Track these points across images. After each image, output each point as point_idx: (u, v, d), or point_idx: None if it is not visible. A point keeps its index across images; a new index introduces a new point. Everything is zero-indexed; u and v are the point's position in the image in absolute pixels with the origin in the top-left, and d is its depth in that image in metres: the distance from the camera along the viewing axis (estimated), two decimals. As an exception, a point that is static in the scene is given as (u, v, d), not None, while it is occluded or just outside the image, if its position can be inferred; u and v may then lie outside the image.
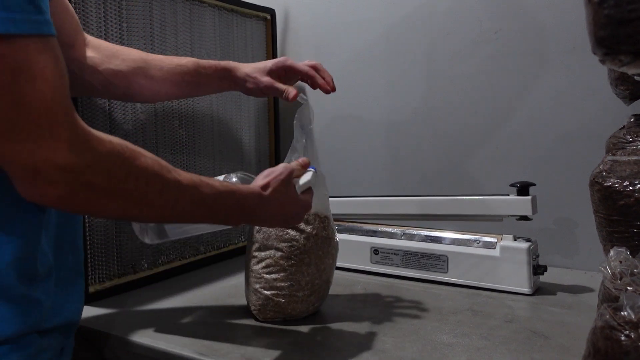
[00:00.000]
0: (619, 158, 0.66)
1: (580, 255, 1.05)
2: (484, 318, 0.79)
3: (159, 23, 0.96)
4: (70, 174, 0.46)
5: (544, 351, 0.67)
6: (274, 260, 0.77)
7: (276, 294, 0.77)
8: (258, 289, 0.78)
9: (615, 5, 0.52)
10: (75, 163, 0.46)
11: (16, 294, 0.52)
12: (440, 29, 1.15)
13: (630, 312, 0.48)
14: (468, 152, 1.15)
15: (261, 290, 0.78)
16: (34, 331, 0.54)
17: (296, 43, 1.35)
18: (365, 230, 1.05)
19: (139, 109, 0.93)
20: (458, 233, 0.97)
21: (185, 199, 0.56)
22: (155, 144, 0.97)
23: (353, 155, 1.28)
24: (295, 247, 0.77)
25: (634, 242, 0.62)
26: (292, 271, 0.77)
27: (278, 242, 0.78)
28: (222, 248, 1.12)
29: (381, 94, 1.24)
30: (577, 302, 0.85)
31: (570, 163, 1.04)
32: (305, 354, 0.67)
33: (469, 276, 0.93)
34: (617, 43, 0.53)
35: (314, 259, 0.78)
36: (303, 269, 0.77)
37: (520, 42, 1.07)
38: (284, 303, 0.77)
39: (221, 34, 1.10)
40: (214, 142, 1.09)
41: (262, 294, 0.78)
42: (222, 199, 0.61)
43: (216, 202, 0.60)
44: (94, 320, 0.79)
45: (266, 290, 0.78)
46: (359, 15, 1.25)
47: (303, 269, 0.77)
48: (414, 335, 0.72)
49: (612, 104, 0.90)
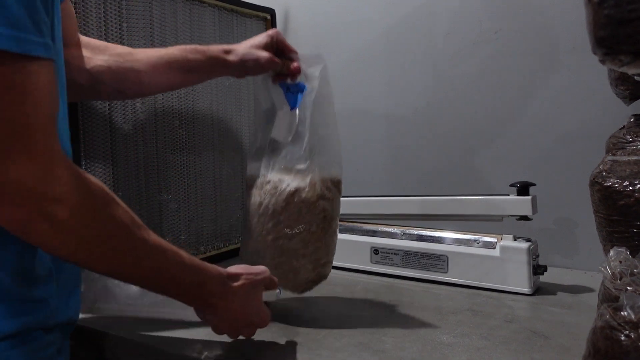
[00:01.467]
0: (619, 158, 0.66)
1: (580, 255, 1.05)
2: (484, 318, 0.79)
3: (159, 23, 0.96)
4: (35, 200, 0.45)
5: (544, 351, 0.67)
6: (309, 233, 0.77)
7: (322, 264, 0.80)
8: (304, 265, 0.78)
9: (615, 5, 0.53)
10: (43, 190, 0.45)
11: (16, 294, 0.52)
12: (440, 29, 1.15)
13: (630, 312, 0.48)
14: (468, 152, 1.15)
15: (307, 266, 0.78)
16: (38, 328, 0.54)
17: (296, 43, 1.33)
18: (365, 230, 1.05)
19: (139, 109, 0.93)
20: (458, 233, 0.97)
21: (146, 262, 0.54)
22: (155, 144, 0.97)
23: (353, 155, 1.28)
24: (327, 216, 0.78)
25: (634, 242, 0.62)
26: (327, 240, 0.79)
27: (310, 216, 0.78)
28: (222, 248, 1.12)
29: (381, 94, 1.24)
30: (577, 302, 0.85)
31: (570, 163, 1.04)
32: (305, 354, 0.67)
33: (469, 276, 0.93)
34: (617, 43, 0.53)
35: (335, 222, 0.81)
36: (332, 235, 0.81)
37: (520, 42, 1.07)
38: (325, 271, 0.81)
39: (221, 34, 1.10)
40: (214, 142, 1.09)
41: (308, 268, 0.78)
42: (185, 272, 0.58)
43: (178, 274, 0.57)
44: (94, 320, 0.79)
45: (311, 264, 0.78)
46: (359, 15, 1.25)
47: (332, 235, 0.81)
48: (414, 335, 0.72)
49: (612, 104, 0.90)
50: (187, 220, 1.03)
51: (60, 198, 0.46)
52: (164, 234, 0.99)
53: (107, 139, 0.88)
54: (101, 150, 0.87)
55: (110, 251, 0.52)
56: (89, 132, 0.85)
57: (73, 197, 0.47)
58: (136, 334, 0.74)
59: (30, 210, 0.45)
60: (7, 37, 0.43)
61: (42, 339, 0.55)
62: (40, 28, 0.45)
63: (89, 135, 0.85)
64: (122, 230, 0.52)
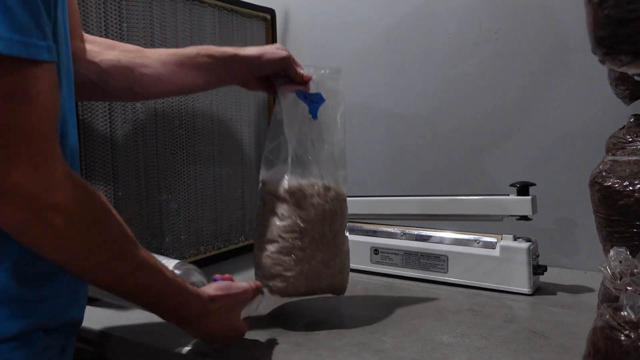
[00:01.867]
0: (619, 158, 0.66)
1: (580, 255, 1.05)
2: (484, 318, 0.79)
3: (159, 23, 0.96)
4: (34, 205, 0.45)
5: (544, 351, 0.67)
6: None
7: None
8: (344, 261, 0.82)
9: (615, 5, 0.53)
10: (42, 196, 0.45)
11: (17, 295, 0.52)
12: (440, 29, 1.15)
13: (630, 312, 0.48)
14: (468, 152, 1.15)
15: (346, 262, 0.82)
16: (40, 329, 0.54)
17: (296, 43, 1.35)
18: (365, 230, 1.05)
19: (139, 109, 0.93)
20: (458, 233, 0.97)
21: (134, 277, 0.55)
22: (155, 144, 0.97)
23: (353, 155, 1.28)
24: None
25: (634, 242, 0.62)
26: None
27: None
28: (222, 248, 1.12)
29: (381, 94, 1.24)
30: (577, 302, 0.85)
31: (570, 163, 1.04)
32: (305, 354, 0.67)
33: (469, 276, 0.93)
34: (617, 43, 0.53)
35: None
36: None
37: (520, 42, 1.07)
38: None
39: (221, 34, 1.10)
40: (214, 142, 1.09)
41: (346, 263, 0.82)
42: (169, 292, 0.59)
43: (163, 292, 0.58)
44: (94, 320, 0.79)
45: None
46: (359, 15, 1.25)
47: None
48: (414, 335, 0.72)
49: (612, 104, 0.90)
50: (187, 220, 1.03)
51: (58, 205, 0.46)
52: (164, 234, 0.99)
53: (107, 139, 0.88)
54: (101, 150, 0.87)
55: (100, 262, 0.52)
56: (89, 132, 0.85)
57: (71, 205, 0.47)
58: (136, 334, 0.74)
59: (28, 215, 0.46)
60: (15, 43, 0.43)
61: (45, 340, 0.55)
62: (44, 31, 0.45)
63: (89, 135, 0.85)
64: (114, 243, 0.52)
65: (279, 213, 0.75)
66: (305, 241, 0.75)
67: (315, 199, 0.76)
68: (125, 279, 0.55)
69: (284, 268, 0.75)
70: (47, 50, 0.46)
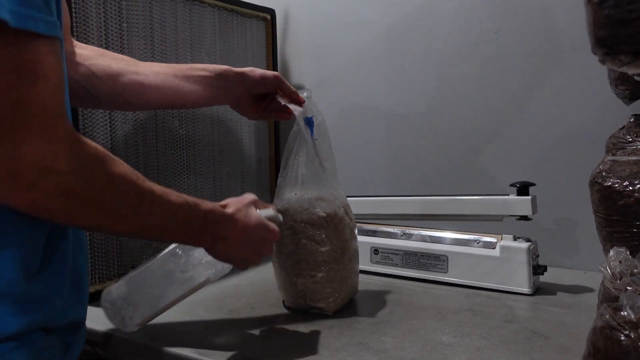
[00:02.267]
0: (619, 158, 0.66)
1: (580, 255, 1.05)
2: (484, 318, 0.79)
3: (159, 23, 0.96)
4: (54, 178, 0.45)
5: (544, 351, 0.67)
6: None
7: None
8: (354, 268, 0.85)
9: (615, 5, 0.53)
10: (61, 167, 0.45)
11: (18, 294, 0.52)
12: (440, 29, 1.15)
13: (630, 312, 0.48)
14: (468, 152, 1.15)
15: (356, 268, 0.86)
16: (41, 328, 0.54)
17: (296, 43, 1.35)
18: (365, 230, 1.05)
19: (139, 109, 0.93)
20: (458, 233, 0.97)
21: (158, 211, 0.56)
22: (155, 144, 0.97)
23: (353, 155, 1.28)
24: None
25: (634, 242, 0.62)
26: None
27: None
28: (222, 248, 1.12)
29: (381, 94, 1.24)
30: (577, 302, 0.85)
31: (570, 163, 1.04)
32: (305, 354, 0.67)
33: (469, 276, 0.93)
34: (617, 43, 0.53)
35: None
36: None
37: (520, 42, 1.07)
38: None
39: (221, 34, 1.10)
40: (214, 143, 1.09)
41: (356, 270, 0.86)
42: (190, 210, 0.60)
43: (185, 214, 0.59)
44: (94, 320, 0.79)
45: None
46: (359, 15, 1.25)
47: None
48: (414, 335, 0.72)
49: (612, 104, 0.90)
50: (187, 220, 1.03)
51: (76, 171, 0.47)
52: (164, 234, 0.99)
53: (107, 139, 0.88)
54: (101, 150, 0.87)
55: (124, 210, 0.53)
56: (89, 132, 0.85)
57: (87, 168, 0.48)
58: (136, 334, 0.74)
59: (46, 189, 0.46)
60: (24, 16, 0.42)
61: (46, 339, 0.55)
62: (50, 6, 0.45)
63: (89, 135, 0.85)
64: (132, 187, 0.53)
65: (317, 239, 0.79)
66: (345, 259, 0.81)
67: (346, 219, 0.82)
68: (153, 217, 0.56)
69: (333, 289, 0.81)
70: (54, 25, 0.46)
